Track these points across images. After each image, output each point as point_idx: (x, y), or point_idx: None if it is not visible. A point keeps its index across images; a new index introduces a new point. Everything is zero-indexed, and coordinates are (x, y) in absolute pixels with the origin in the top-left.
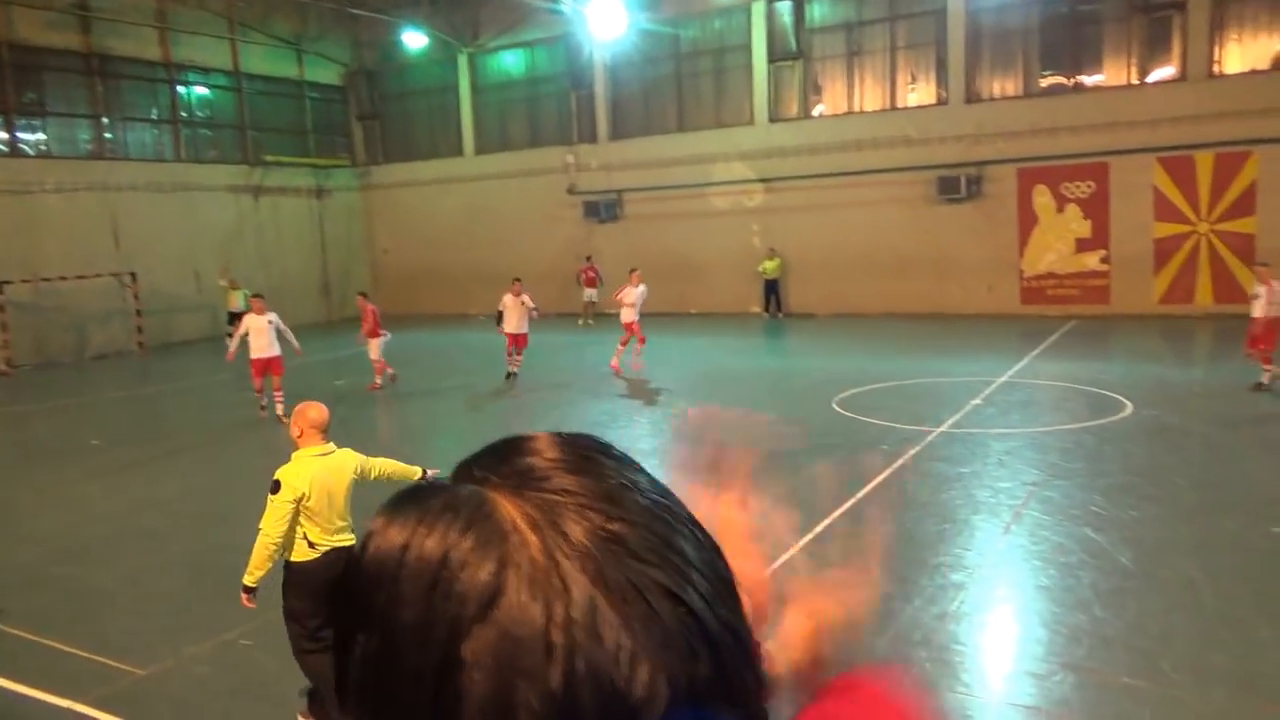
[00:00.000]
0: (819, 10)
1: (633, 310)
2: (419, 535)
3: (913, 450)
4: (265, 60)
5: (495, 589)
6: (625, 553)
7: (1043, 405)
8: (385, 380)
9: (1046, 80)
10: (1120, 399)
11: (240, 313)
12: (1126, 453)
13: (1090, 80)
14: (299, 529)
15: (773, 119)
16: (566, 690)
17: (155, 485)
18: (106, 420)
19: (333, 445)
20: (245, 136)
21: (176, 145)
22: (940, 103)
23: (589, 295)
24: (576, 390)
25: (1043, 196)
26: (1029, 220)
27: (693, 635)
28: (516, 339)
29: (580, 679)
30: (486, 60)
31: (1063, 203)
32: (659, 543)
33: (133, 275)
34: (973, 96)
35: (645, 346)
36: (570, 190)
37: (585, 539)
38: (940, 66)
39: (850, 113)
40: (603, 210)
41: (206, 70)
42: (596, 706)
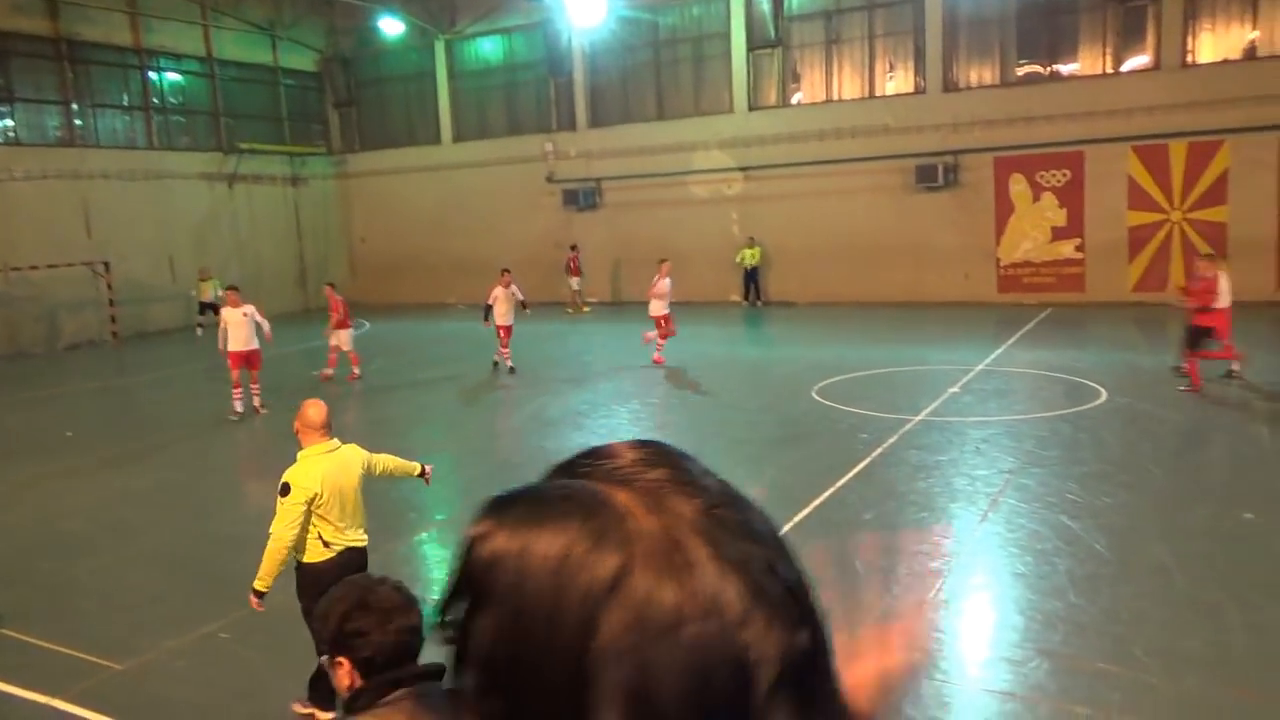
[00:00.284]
0: None
1: (663, 303)
2: (540, 526)
3: (891, 439)
4: (239, 46)
5: (623, 568)
6: (728, 531)
7: (1019, 393)
8: (340, 373)
9: (1023, 69)
10: (1095, 386)
11: (211, 304)
12: (1101, 440)
13: (1066, 69)
14: (312, 529)
15: (752, 107)
16: (696, 655)
17: (131, 478)
18: (80, 412)
19: (337, 441)
20: (219, 124)
21: (149, 132)
22: (918, 91)
23: (575, 284)
24: (559, 380)
25: (1019, 185)
26: (1005, 209)
27: (791, 609)
28: (502, 329)
29: (709, 646)
30: (464, 47)
31: (1038, 191)
32: (748, 523)
33: (105, 264)
34: (950, 85)
35: (663, 341)
36: (549, 178)
37: (696, 518)
38: (918, 55)
39: (829, 101)
40: (582, 198)
41: (179, 56)
42: (724, 672)
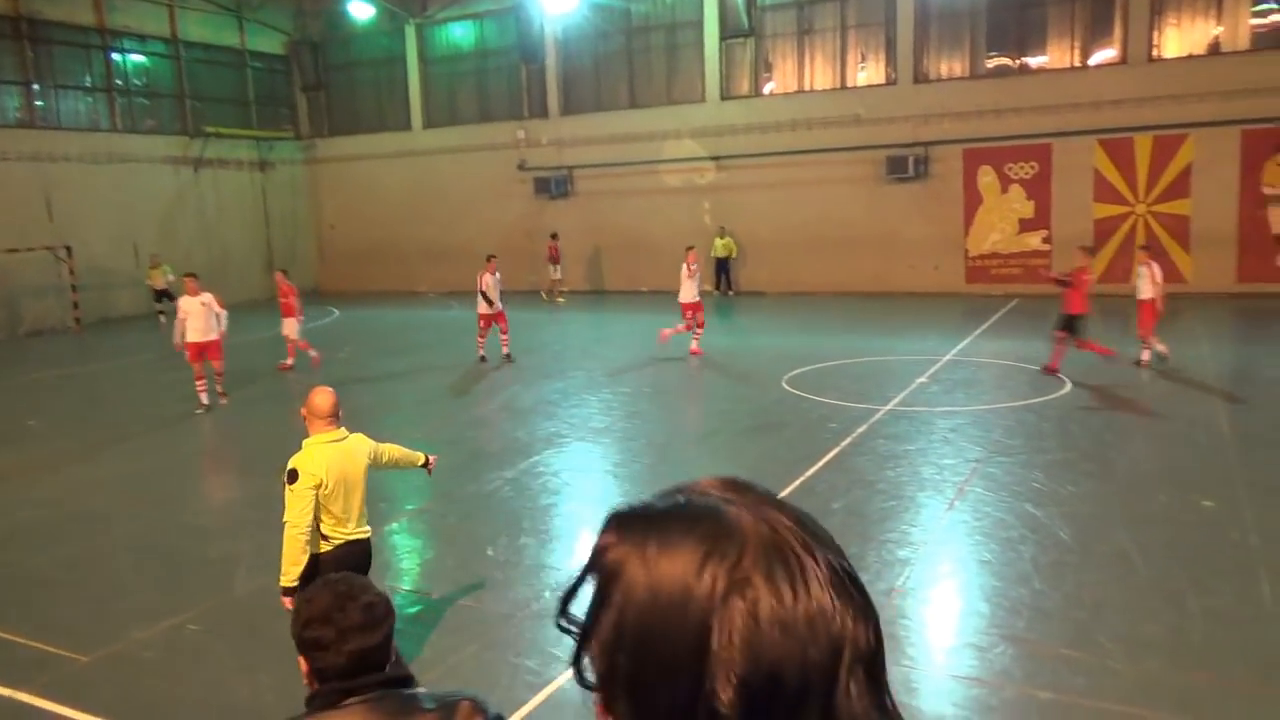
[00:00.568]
0: None
1: (692, 288)
2: (663, 535)
3: (860, 428)
4: (204, 28)
5: (742, 568)
6: (816, 537)
7: (986, 383)
8: (305, 362)
9: (992, 62)
10: (1060, 377)
11: (164, 290)
12: (1065, 430)
13: (1034, 62)
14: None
15: (724, 96)
16: (806, 643)
17: (96, 467)
18: (43, 400)
19: (344, 430)
20: (184, 106)
21: (112, 114)
22: (889, 82)
23: (554, 272)
24: (530, 368)
25: (987, 177)
26: (974, 200)
27: (860, 609)
28: (497, 317)
29: (817, 635)
30: (435, 32)
31: (1006, 183)
32: (823, 531)
33: (68, 249)
34: (921, 77)
35: (699, 332)
36: (521, 166)
37: (793, 526)
38: (889, 46)
39: (801, 91)
40: (554, 186)
41: (143, 37)
42: (825, 659)
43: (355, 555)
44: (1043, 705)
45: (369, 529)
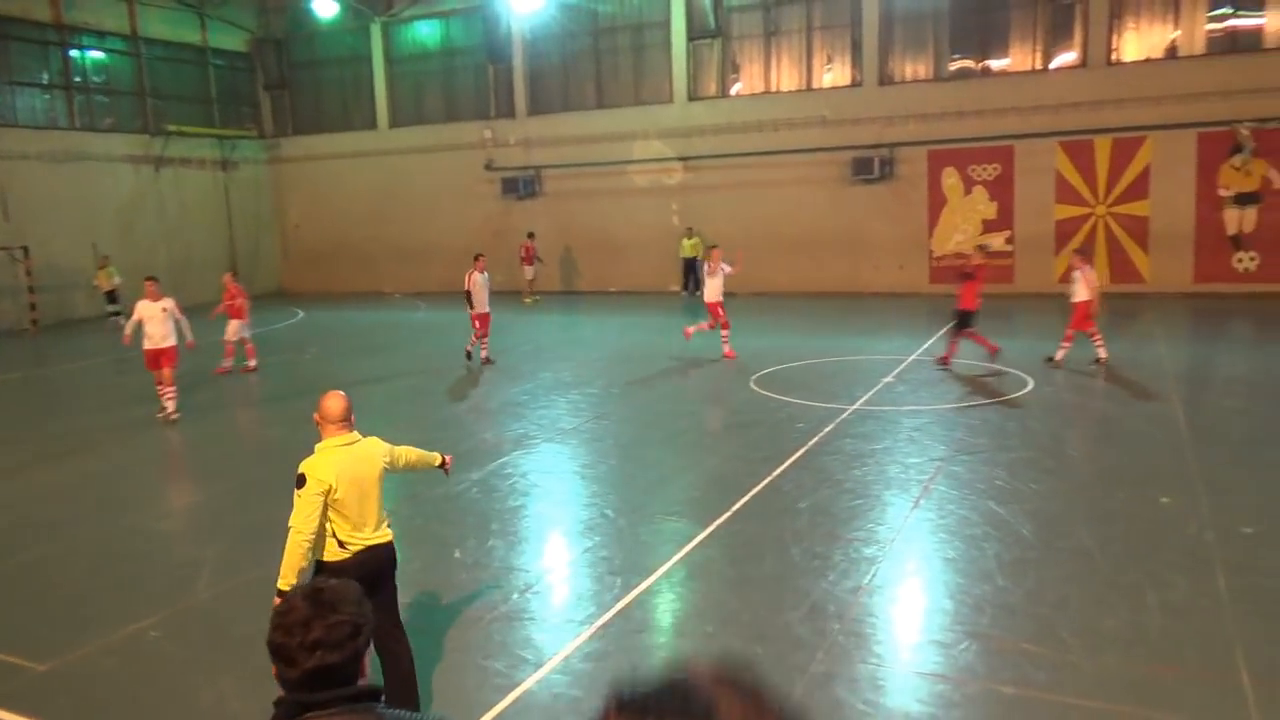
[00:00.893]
0: None
1: (716, 288)
2: None
3: (828, 428)
4: (165, 24)
5: None
6: None
7: (950, 383)
8: (238, 368)
9: (956, 64)
10: (1023, 376)
11: (111, 291)
12: (1027, 428)
13: (997, 65)
14: (327, 526)
15: (692, 97)
16: None
17: (53, 471)
18: None
19: (357, 434)
20: (145, 104)
21: (70, 112)
22: (855, 84)
23: (529, 273)
24: (498, 369)
25: (951, 178)
26: (938, 201)
27: None
28: (482, 318)
29: None
30: (401, 31)
31: (970, 185)
32: None
33: (25, 249)
34: (886, 79)
35: (714, 330)
36: (488, 166)
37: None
38: (855, 48)
39: (768, 92)
40: (521, 187)
41: (102, 34)
42: None
43: (376, 561)
44: (1005, 700)
45: (390, 533)
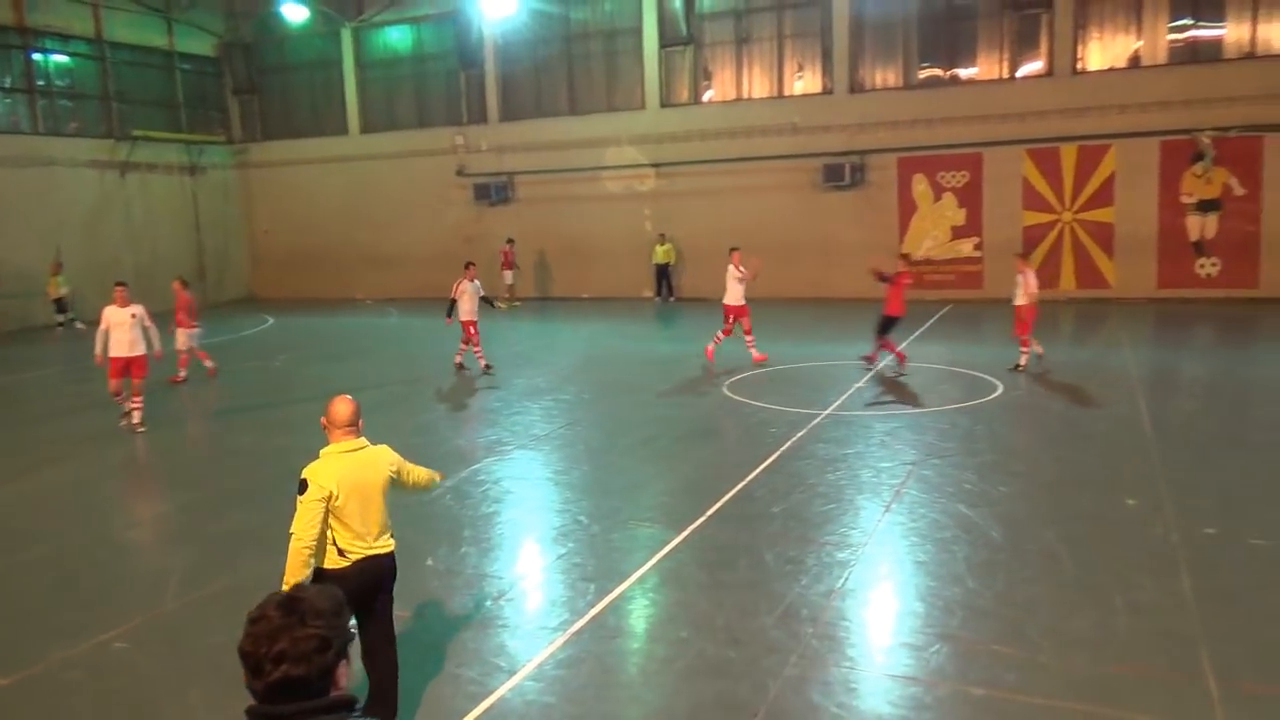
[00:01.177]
0: None
1: (737, 291)
2: None
3: (800, 433)
4: (131, 28)
5: None
6: None
7: (921, 387)
8: (201, 373)
9: (925, 73)
10: (992, 380)
11: (59, 299)
12: (996, 432)
13: (965, 74)
14: (328, 533)
15: (664, 104)
16: None
17: (16, 481)
18: None
19: (364, 441)
20: (110, 109)
21: (33, 116)
22: (825, 92)
23: (508, 277)
24: (471, 376)
25: (921, 185)
26: (909, 208)
27: None
28: (470, 325)
29: None
30: (371, 36)
31: (939, 191)
32: None
33: None
34: (856, 87)
35: (728, 337)
36: (460, 172)
37: None
38: (825, 56)
39: (739, 99)
40: (493, 192)
41: (66, 37)
42: None
43: (377, 570)
44: (976, 701)
45: (392, 543)
